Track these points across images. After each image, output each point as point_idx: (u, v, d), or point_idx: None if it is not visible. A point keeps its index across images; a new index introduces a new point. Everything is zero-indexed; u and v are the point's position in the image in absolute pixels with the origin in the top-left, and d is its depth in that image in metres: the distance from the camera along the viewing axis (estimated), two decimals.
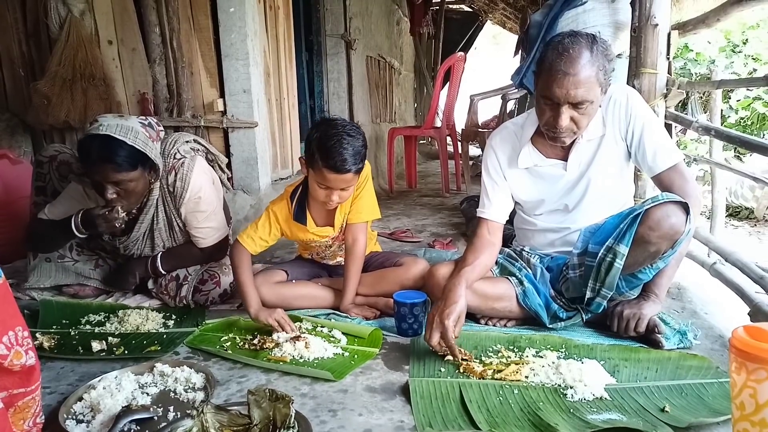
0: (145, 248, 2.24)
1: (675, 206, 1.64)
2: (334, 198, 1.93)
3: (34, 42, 3.26)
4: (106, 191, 1.94)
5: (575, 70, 1.66)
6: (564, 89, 1.68)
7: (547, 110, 1.76)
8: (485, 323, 1.94)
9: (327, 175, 1.87)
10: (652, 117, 1.87)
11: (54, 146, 2.37)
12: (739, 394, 1.11)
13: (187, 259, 2.25)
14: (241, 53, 3.26)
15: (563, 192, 1.94)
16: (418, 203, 4.68)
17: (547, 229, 2.00)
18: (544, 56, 1.74)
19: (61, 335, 1.92)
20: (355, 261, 2.08)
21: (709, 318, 1.96)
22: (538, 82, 1.77)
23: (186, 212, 2.17)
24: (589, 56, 1.68)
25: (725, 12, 2.21)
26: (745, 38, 6.17)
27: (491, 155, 2.02)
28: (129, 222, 2.15)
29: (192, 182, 2.14)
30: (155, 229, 2.20)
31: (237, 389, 1.56)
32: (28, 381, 1.12)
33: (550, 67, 1.70)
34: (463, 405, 1.42)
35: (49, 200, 2.27)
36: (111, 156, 1.88)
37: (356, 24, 5.52)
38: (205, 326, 2.00)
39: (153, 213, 2.17)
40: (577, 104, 1.70)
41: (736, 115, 5.79)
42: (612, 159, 1.88)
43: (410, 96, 10.18)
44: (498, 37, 18.74)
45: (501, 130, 2.06)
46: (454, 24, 12.29)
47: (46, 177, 2.30)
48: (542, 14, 3.07)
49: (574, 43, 1.70)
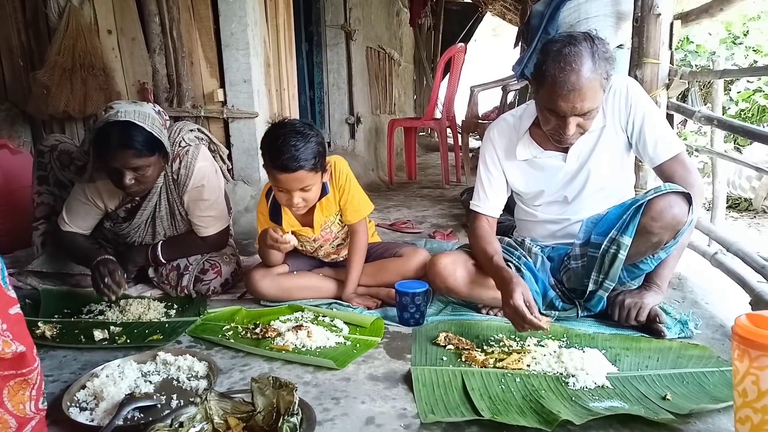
0: (146, 236, 2.24)
1: (677, 197, 1.64)
2: (296, 201, 1.88)
3: (33, 32, 3.25)
4: (124, 177, 1.93)
5: (580, 84, 1.62)
6: (570, 103, 1.65)
7: (553, 120, 1.72)
8: (486, 313, 1.95)
9: (278, 176, 1.83)
10: (652, 107, 1.86)
11: (54, 136, 2.36)
12: (742, 381, 1.11)
13: (188, 248, 2.25)
14: (242, 43, 3.25)
15: (562, 183, 1.93)
16: (418, 194, 4.68)
17: (547, 220, 2.00)
18: (545, 67, 1.67)
19: (63, 324, 1.93)
20: (357, 252, 2.08)
21: (710, 308, 1.96)
22: (540, 93, 1.72)
23: (189, 200, 2.17)
24: (591, 65, 1.64)
25: (728, 1, 2.20)
26: (746, 29, 6.16)
27: (489, 148, 2.00)
28: (131, 208, 2.15)
29: (196, 170, 2.14)
30: (157, 217, 2.20)
31: (240, 377, 1.56)
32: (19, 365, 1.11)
33: (554, 82, 1.65)
34: (465, 393, 1.42)
35: (52, 189, 2.27)
36: (131, 142, 1.89)
37: (356, 14, 5.50)
38: (207, 315, 2.00)
39: (156, 200, 2.17)
40: (583, 114, 1.68)
41: (736, 106, 5.78)
42: (612, 150, 1.87)
43: (410, 87, 10.15)
44: (498, 29, 18.68)
45: (499, 122, 2.04)
46: (453, 15, 12.24)
47: (48, 166, 2.31)
48: (544, 4, 3.06)
49: (575, 54, 1.63)
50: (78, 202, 2.16)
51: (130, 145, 1.89)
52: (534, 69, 1.75)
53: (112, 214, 2.20)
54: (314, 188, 1.91)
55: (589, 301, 1.81)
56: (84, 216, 2.17)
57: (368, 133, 5.96)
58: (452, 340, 1.68)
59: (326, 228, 2.12)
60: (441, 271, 1.89)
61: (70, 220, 2.17)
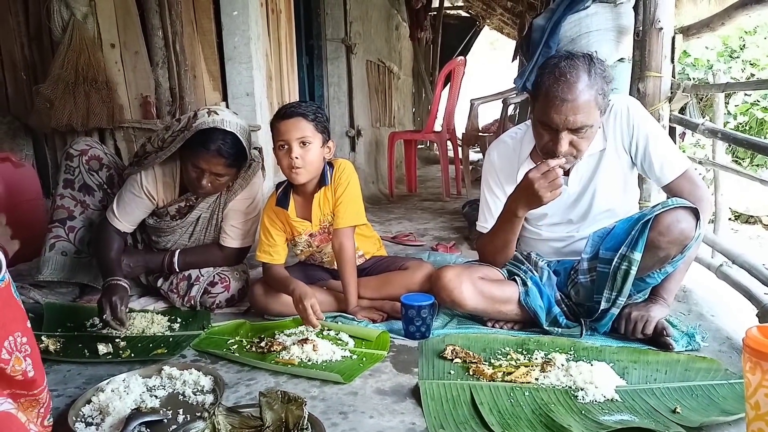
0: (183, 237, 2.28)
1: (685, 211, 1.64)
2: (294, 153, 1.93)
3: (36, 45, 3.25)
4: (203, 179, 2.04)
5: (573, 96, 1.64)
6: (562, 115, 1.65)
7: (545, 135, 1.73)
8: (492, 326, 1.94)
9: (279, 127, 1.97)
10: (655, 127, 1.86)
11: (85, 140, 2.39)
12: (754, 394, 1.11)
13: (206, 258, 2.26)
14: (244, 56, 3.27)
15: (566, 206, 1.93)
16: (419, 207, 4.68)
17: (551, 238, 2.00)
18: (541, 80, 1.70)
19: (66, 338, 1.91)
20: (346, 265, 2.06)
21: (716, 320, 1.96)
22: (536, 107, 1.74)
23: (231, 208, 2.23)
24: (587, 80, 1.65)
25: (729, 16, 2.22)
26: (742, 43, 6.21)
27: (491, 170, 2.01)
28: (184, 207, 2.22)
29: (250, 185, 2.25)
30: (200, 219, 2.25)
31: (246, 392, 1.55)
32: (30, 387, 1.10)
33: (547, 93, 1.67)
34: (474, 407, 1.41)
35: (75, 194, 2.28)
36: (229, 152, 2.02)
37: (356, 28, 5.53)
38: (212, 329, 1.99)
39: (208, 204, 2.22)
40: (576, 129, 1.68)
41: (734, 120, 5.82)
42: (615, 171, 1.87)
43: (409, 100, 10.20)
44: (495, 43, 18.81)
45: (498, 145, 2.03)
46: (452, 29, 12.36)
47: (75, 170, 2.31)
48: (545, 18, 3.08)
49: (571, 67, 1.66)
50: (130, 194, 2.18)
51: (226, 155, 2.01)
52: (532, 85, 1.76)
53: (161, 210, 2.22)
54: (313, 148, 1.97)
55: (599, 321, 1.80)
56: (133, 209, 2.19)
57: (368, 146, 5.97)
58: (459, 354, 1.67)
59: (324, 225, 2.12)
60: (447, 285, 1.88)
61: (119, 213, 2.17)
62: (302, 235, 2.14)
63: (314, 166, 2.01)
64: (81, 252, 2.30)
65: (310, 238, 2.16)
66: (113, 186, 2.34)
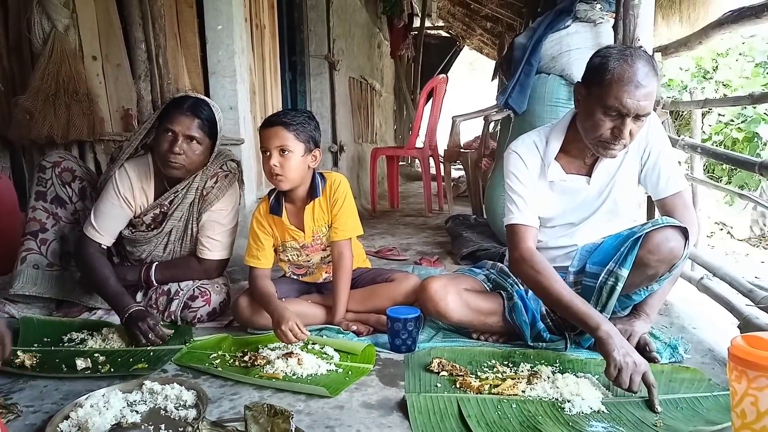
0: (157, 249, 2.25)
1: (674, 230, 1.66)
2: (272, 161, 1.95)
3: (16, 57, 3.21)
4: (176, 143, 2.03)
5: (647, 81, 1.63)
6: (636, 100, 1.62)
7: (608, 122, 1.67)
8: (477, 338, 1.94)
9: (262, 134, 2.02)
10: (667, 142, 1.88)
11: (59, 153, 2.38)
12: (740, 403, 1.12)
13: (183, 271, 2.23)
14: (228, 70, 3.27)
15: (578, 206, 1.90)
16: (402, 222, 4.68)
17: (550, 246, 1.98)
18: (608, 65, 1.65)
19: (43, 353, 1.86)
20: (342, 275, 2.07)
21: (698, 332, 1.98)
22: (597, 94, 1.67)
23: (206, 219, 2.21)
24: (652, 69, 1.66)
25: (707, 35, 2.28)
26: (715, 65, 6.38)
27: (519, 164, 1.90)
28: (160, 215, 2.21)
29: (227, 196, 2.24)
30: (173, 230, 2.23)
31: (230, 406, 1.52)
32: None
33: (620, 77, 1.63)
34: (461, 420, 1.40)
35: (47, 207, 2.23)
36: (199, 113, 2.07)
37: (339, 45, 5.57)
38: (193, 344, 1.95)
39: (183, 212, 2.20)
40: (639, 117, 1.66)
41: (710, 140, 5.95)
42: (631, 175, 1.87)
43: (390, 117, 10.27)
44: (474, 63, 19.10)
45: (524, 140, 1.94)
46: (432, 48, 12.53)
47: (48, 182, 2.27)
48: (526, 37, 3.13)
49: (639, 55, 1.66)
50: (107, 203, 2.14)
51: (197, 115, 2.06)
52: (591, 77, 1.72)
53: (137, 220, 2.19)
54: (293, 157, 1.97)
55: (583, 335, 1.80)
56: (112, 218, 2.15)
57: (351, 162, 5.98)
58: (446, 367, 1.66)
59: (317, 236, 2.12)
60: (432, 295, 1.87)
61: (99, 225, 2.13)
62: (292, 241, 2.13)
63: (295, 174, 2.00)
64: (53, 265, 2.25)
65: (301, 249, 2.15)
66: (86, 198, 2.31)
